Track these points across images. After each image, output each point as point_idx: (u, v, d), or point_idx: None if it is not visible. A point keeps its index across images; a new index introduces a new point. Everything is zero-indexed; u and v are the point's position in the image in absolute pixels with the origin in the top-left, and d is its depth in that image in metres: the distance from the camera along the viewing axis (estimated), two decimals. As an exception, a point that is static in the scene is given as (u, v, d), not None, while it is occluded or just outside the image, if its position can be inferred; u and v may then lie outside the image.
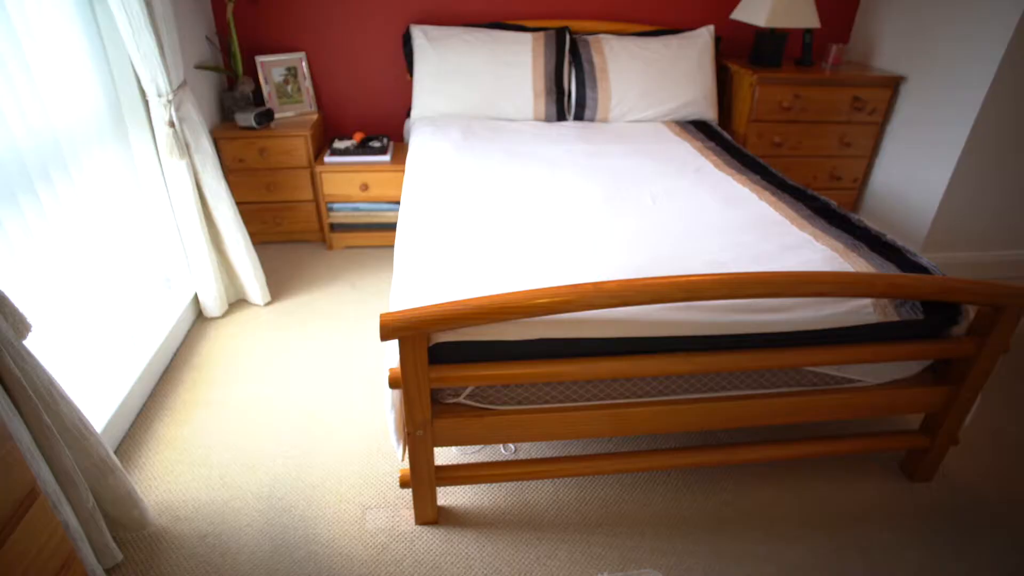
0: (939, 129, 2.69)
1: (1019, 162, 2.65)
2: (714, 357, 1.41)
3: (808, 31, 2.95)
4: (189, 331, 2.36)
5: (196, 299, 2.43)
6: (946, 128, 2.65)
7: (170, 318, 2.23)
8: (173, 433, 1.88)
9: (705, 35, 2.92)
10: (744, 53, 3.23)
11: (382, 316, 1.24)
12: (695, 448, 1.63)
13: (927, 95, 2.76)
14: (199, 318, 2.44)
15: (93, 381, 1.82)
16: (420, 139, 2.51)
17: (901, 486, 1.77)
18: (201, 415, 1.95)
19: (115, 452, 1.80)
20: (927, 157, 2.76)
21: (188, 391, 2.05)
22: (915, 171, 2.84)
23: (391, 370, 1.37)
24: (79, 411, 1.36)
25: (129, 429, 1.89)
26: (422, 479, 1.52)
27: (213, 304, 2.40)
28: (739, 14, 2.90)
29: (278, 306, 2.52)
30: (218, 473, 1.75)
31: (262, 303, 2.52)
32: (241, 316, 2.46)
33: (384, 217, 2.92)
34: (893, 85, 2.89)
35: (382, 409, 1.99)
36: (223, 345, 2.28)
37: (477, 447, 1.85)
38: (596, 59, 2.80)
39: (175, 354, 2.23)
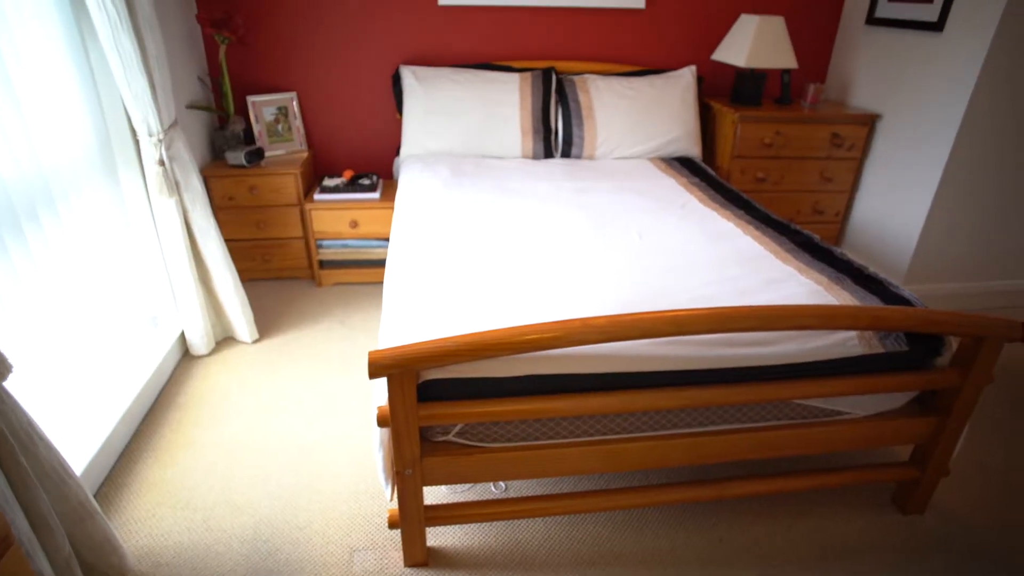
0: (915, 164, 2.76)
1: (994, 195, 2.72)
2: (702, 391, 1.41)
3: (786, 71, 3.04)
4: (175, 369, 2.33)
5: (183, 337, 2.41)
6: (922, 163, 2.73)
7: (156, 356, 2.21)
8: (156, 475, 1.84)
9: (687, 75, 3.00)
10: (725, 92, 3.32)
11: (371, 353, 1.24)
12: (686, 484, 1.62)
13: (902, 132, 2.84)
14: (185, 356, 2.41)
15: (75, 421, 1.79)
16: (409, 176, 2.54)
17: (894, 519, 1.76)
18: (185, 456, 1.91)
19: (95, 495, 1.76)
20: (905, 191, 2.83)
21: (173, 431, 2.01)
22: (894, 205, 2.90)
23: (380, 408, 1.36)
24: (58, 453, 1.33)
25: (111, 471, 1.85)
26: (411, 519, 1.49)
27: (200, 342, 2.38)
28: (719, 55, 3.00)
29: (266, 343, 2.50)
30: (202, 516, 1.71)
31: (250, 340, 2.50)
32: (228, 354, 2.43)
33: (373, 254, 2.93)
34: (869, 122, 2.97)
35: (371, 448, 1.96)
36: (210, 384, 2.25)
37: (467, 486, 1.82)
38: (582, 98, 2.87)
39: (160, 393, 2.20)
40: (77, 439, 1.77)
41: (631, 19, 3.08)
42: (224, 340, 2.52)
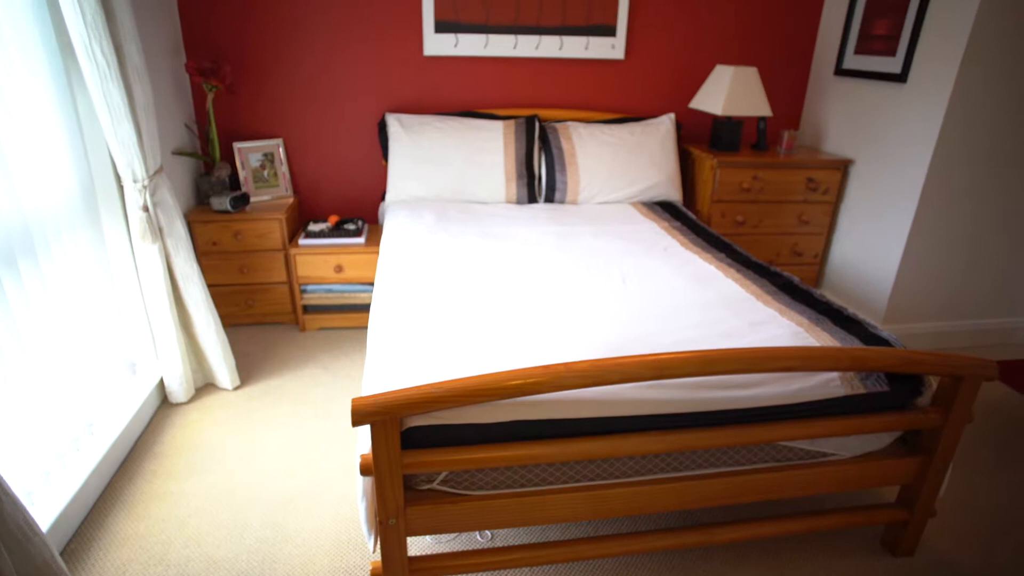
0: (888, 207, 2.85)
1: (965, 236, 2.80)
2: (687, 435, 1.41)
3: (762, 119, 3.14)
4: (152, 418, 2.28)
5: (161, 384, 2.37)
6: (894, 206, 2.81)
7: (132, 405, 2.16)
8: (129, 529, 1.78)
9: (667, 122, 3.09)
10: (704, 138, 3.42)
11: (354, 401, 1.22)
12: (674, 530, 1.60)
13: (874, 176, 2.93)
14: (164, 404, 2.37)
15: (44, 474, 1.73)
16: (394, 221, 2.57)
17: (885, 562, 1.74)
18: (160, 508, 1.85)
19: (63, 551, 1.69)
20: (880, 233, 2.90)
21: (147, 482, 1.96)
22: (870, 246, 2.97)
23: (363, 456, 1.34)
24: (24, 509, 1.28)
25: (80, 525, 1.78)
26: (395, 571, 1.45)
27: (179, 389, 2.34)
28: (697, 103, 3.10)
29: (247, 390, 2.46)
30: (176, 573, 1.64)
31: (231, 387, 2.46)
32: (208, 401, 2.39)
33: (358, 298, 2.92)
34: (842, 167, 3.07)
35: (353, 498, 1.92)
36: (187, 432, 2.20)
37: (452, 535, 1.78)
38: (565, 145, 2.93)
39: (136, 443, 2.14)
40: (45, 493, 1.71)
41: (611, 69, 3.19)
42: (204, 387, 2.48)
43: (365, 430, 1.36)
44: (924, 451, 1.63)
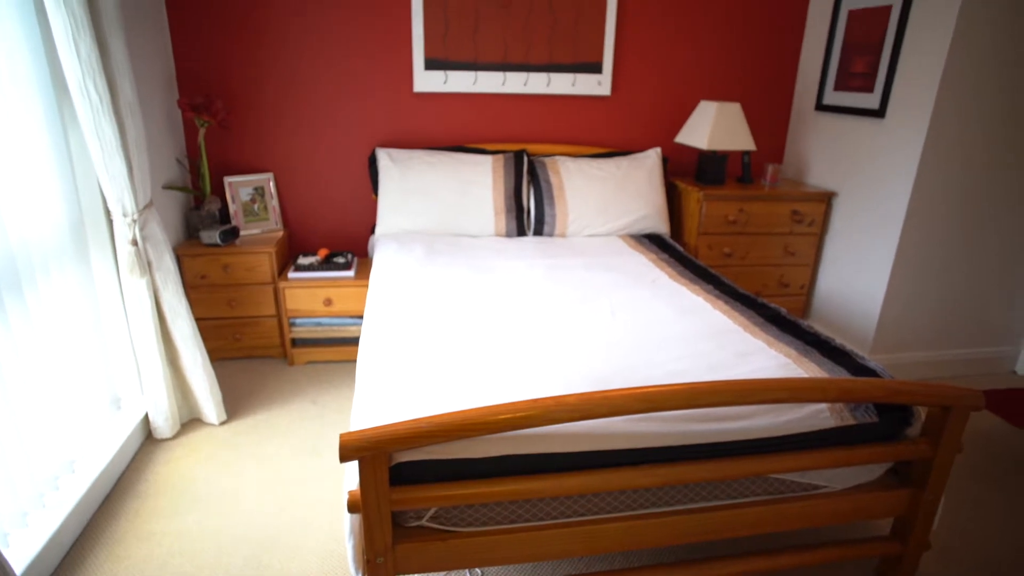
0: (871, 239, 2.89)
1: (950, 266, 2.84)
2: (679, 468, 1.40)
3: (746, 152, 3.21)
4: (136, 454, 2.24)
5: (146, 419, 2.33)
6: (877, 238, 2.85)
7: (115, 441, 2.12)
8: (108, 570, 1.72)
9: (653, 156, 3.15)
10: (690, 172, 3.48)
11: (342, 436, 1.21)
12: (667, 565, 1.57)
13: (857, 208, 2.99)
14: (148, 440, 2.32)
15: (21, 514, 1.69)
16: (384, 255, 2.57)
17: (879, 598, 1.72)
18: (141, 549, 1.81)
19: (41, 596, 1.64)
20: (864, 264, 2.95)
21: (129, 521, 1.91)
22: (856, 277, 3.01)
23: (350, 493, 1.31)
24: None
25: (57, 567, 1.73)
26: (381, 613, 1.41)
27: (164, 424, 2.30)
28: (682, 138, 3.16)
29: (234, 425, 2.43)
30: (156, 616, 1.60)
31: (217, 422, 2.42)
32: (194, 437, 2.35)
33: (347, 332, 2.91)
34: (826, 200, 3.13)
35: (341, 536, 1.88)
36: (172, 469, 2.16)
37: (441, 574, 1.74)
38: (553, 179, 2.97)
39: (118, 480, 2.10)
40: (22, 534, 1.67)
41: (598, 105, 3.26)
42: (190, 422, 2.44)
43: (353, 466, 1.35)
44: (915, 482, 1.62)
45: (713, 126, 2.94)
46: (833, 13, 3.07)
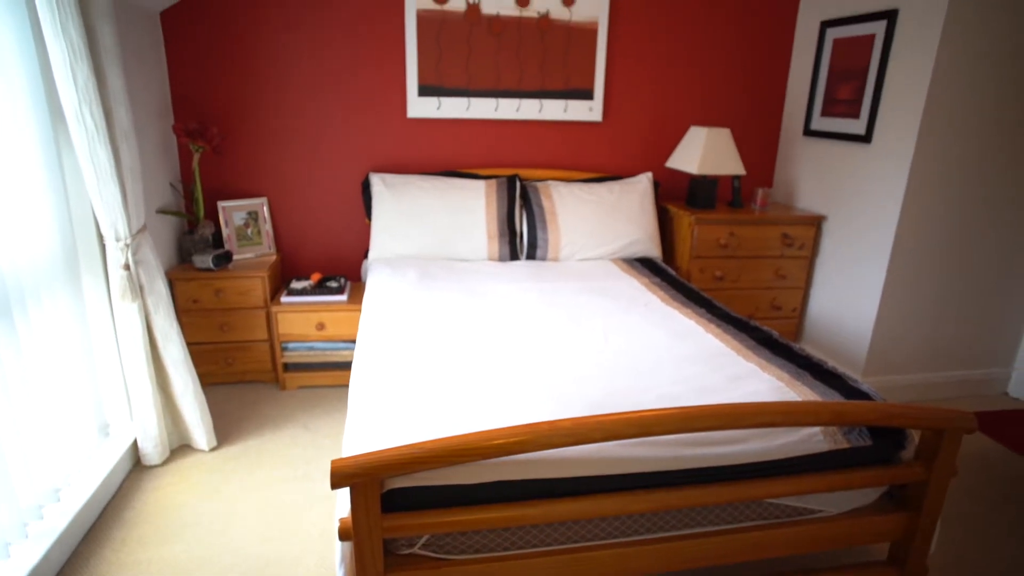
0: (862, 262, 2.92)
1: (939, 289, 2.87)
2: (673, 493, 1.39)
3: (736, 177, 3.25)
4: (123, 482, 2.20)
5: (135, 446, 2.30)
6: (867, 261, 2.88)
7: (103, 468, 2.09)
8: (93, 603, 1.69)
9: (644, 181, 3.18)
10: (681, 196, 3.51)
11: (333, 462, 1.20)
12: (663, 593, 1.56)
13: (846, 232, 3.02)
14: (136, 467, 2.29)
15: (3, 544, 1.65)
16: (377, 279, 2.57)
17: (877, 625, 1.70)
18: (128, 580, 1.77)
19: (22, 629, 1.59)
20: (855, 287, 2.97)
21: (115, 551, 1.87)
22: (847, 300, 3.03)
23: (341, 520, 1.30)
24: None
25: (42, 600, 1.69)
26: (372, 644, 1.38)
27: (153, 451, 2.27)
28: (673, 163, 3.20)
29: (224, 451, 2.40)
30: (141, 649, 1.56)
31: (207, 448, 2.39)
32: (183, 463, 2.32)
33: (340, 356, 2.90)
34: (816, 223, 3.16)
35: (332, 563, 1.85)
36: (160, 497, 2.13)
37: (434, 603, 1.71)
38: (545, 203, 3.00)
39: (105, 509, 2.06)
40: (3, 565, 1.63)
41: (590, 130, 3.30)
42: (179, 448, 2.41)
43: (344, 492, 1.33)
44: (911, 506, 1.62)
45: (703, 151, 2.99)
46: (818, 41, 3.14)
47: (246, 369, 2.91)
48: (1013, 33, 2.52)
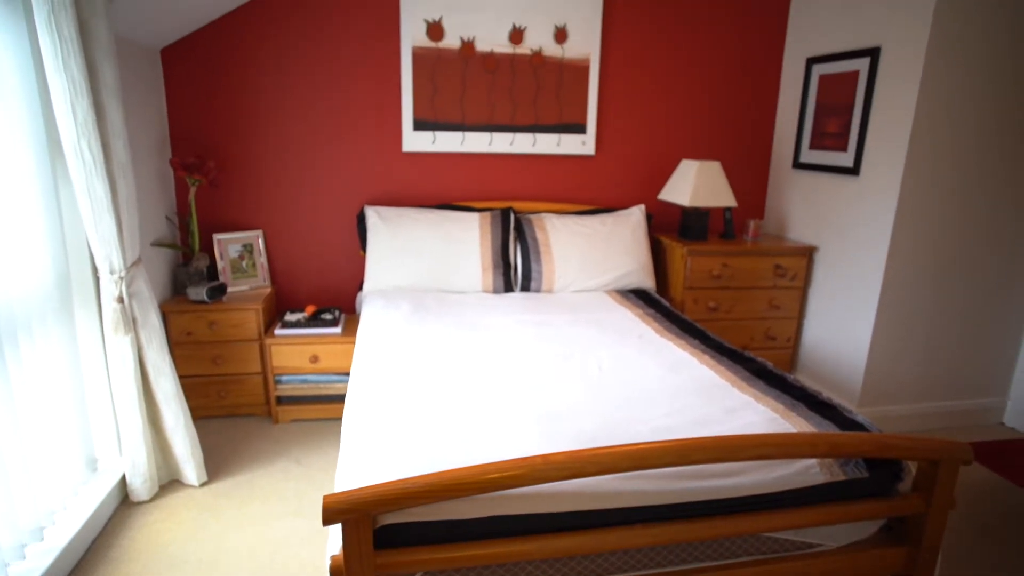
0: (854, 292, 2.94)
1: (932, 319, 2.89)
2: (672, 527, 1.38)
3: (727, 209, 3.29)
4: (110, 519, 2.16)
5: (123, 481, 2.26)
6: (859, 291, 2.91)
7: (89, 505, 2.05)
8: (76, 646, 1.64)
9: (637, 213, 3.22)
10: (674, 228, 3.55)
11: (325, 498, 1.18)
12: (662, 631, 1.52)
13: (837, 262, 3.05)
14: (124, 503, 2.25)
15: (-11, 586, 1.61)
16: (372, 311, 2.57)
17: (880, 663, 1.66)
18: (112, 621, 1.72)
19: (1, 675, 1.54)
20: (848, 317, 2.99)
21: (100, 592, 1.83)
22: (840, 330, 3.04)
23: (333, 558, 1.27)
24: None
25: (23, 644, 1.64)
26: None
27: (142, 487, 2.23)
28: (665, 195, 3.24)
29: (215, 486, 2.36)
30: None
31: (197, 483, 2.35)
32: (172, 499, 2.28)
33: (334, 389, 2.88)
34: (807, 254, 3.19)
35: (322, 603, 1.81)
36: (148, 534, 2.08)
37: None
38: (539, 235, 3.02)
39: (90, 547, 2.01)
40: (-11, 606, 1.59)
41: (583, 163, 3.35)
42: (169, 483, 2.37)
43: (336, 528, 1.31)
44: (911, 539, 1.60)
45: (695, 183, 3.03)
46: (805, 77, 3.22)
47: (239, 402, 2.88)
48: (992, 66, 2.59)
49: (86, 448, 2.18)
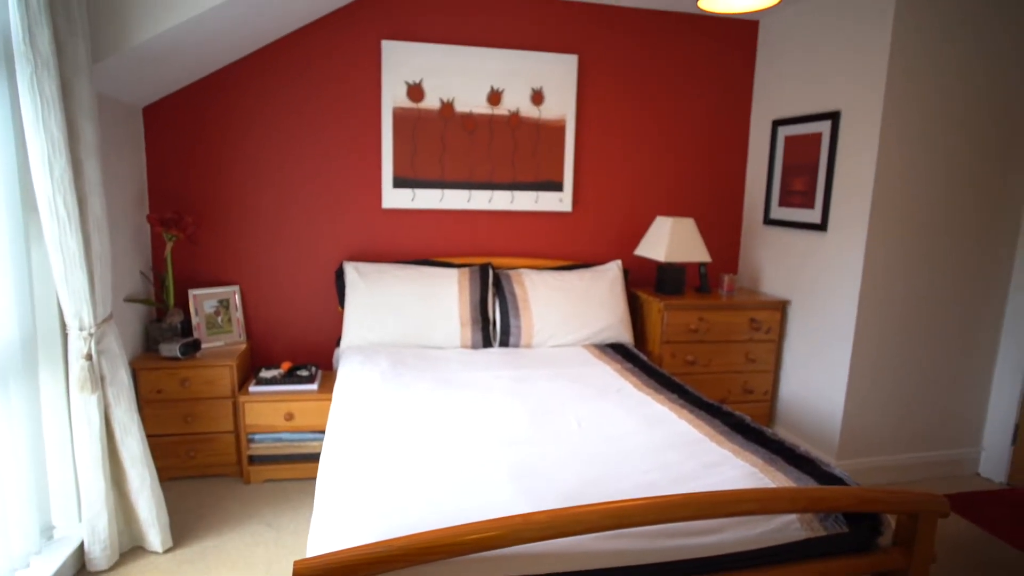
0: (827, 344, 2.99)
1: (904, 371, 2.94)
2: (653, 588, 1.35)
3: (702, 264, 3.36)
4: (66, 591, 2.04)
5: (81, 549, 2.15)
6: (832, 343, 2.96)
7: (45, 576, 1.94)
8: None
9: (614, 268, 3.27)
10: (650, 283, 3.61)
11: (296, 564, 1.14)
12: None
13: (810, 316, 3.11)
14: (80, 572, 2.13)
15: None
16: (349, 367, 2.54)
17: None
18: None
19: None
20: (823, 369, 3.03)
21: (51, 672, 1.71)
22: (816, 382, 3.08)
23: (303, 628, 1.21)
24: None
25: None
26: None
27: (101, 555, 2.12)
28: (641, 251, 3.31)
29: (180, 552, 2.25)
30: None
31: (161, 550, 2.25)
32: (133, 568, 2.16)
33: (308, 447, 2.80)
34: (781, 308, 3.26)
35: None
36: (105, 607, 1.97)
37: None
38: (518, 290, 3.05)
39: (43, 623, 1.90)
40: None
41: (560, 220, 3.42)
42: (131, 550, 2.26)
43: (308, 597, 1.25)
44: (893, 596, 1.58)
45: (670, 240, 3.10)
46: (771, 138, 3.36)
47: (209, 462, 2.79)
48: (948, 122, 2.74)
49: (42, 514, 2.08)
